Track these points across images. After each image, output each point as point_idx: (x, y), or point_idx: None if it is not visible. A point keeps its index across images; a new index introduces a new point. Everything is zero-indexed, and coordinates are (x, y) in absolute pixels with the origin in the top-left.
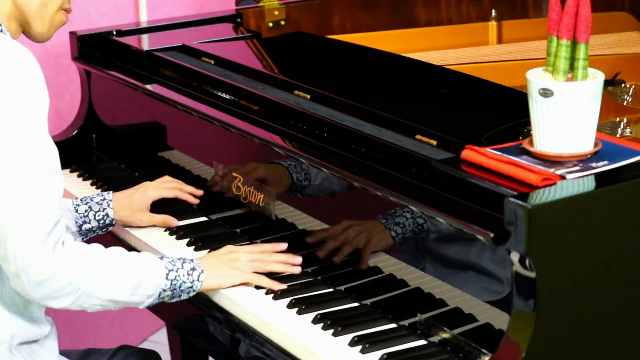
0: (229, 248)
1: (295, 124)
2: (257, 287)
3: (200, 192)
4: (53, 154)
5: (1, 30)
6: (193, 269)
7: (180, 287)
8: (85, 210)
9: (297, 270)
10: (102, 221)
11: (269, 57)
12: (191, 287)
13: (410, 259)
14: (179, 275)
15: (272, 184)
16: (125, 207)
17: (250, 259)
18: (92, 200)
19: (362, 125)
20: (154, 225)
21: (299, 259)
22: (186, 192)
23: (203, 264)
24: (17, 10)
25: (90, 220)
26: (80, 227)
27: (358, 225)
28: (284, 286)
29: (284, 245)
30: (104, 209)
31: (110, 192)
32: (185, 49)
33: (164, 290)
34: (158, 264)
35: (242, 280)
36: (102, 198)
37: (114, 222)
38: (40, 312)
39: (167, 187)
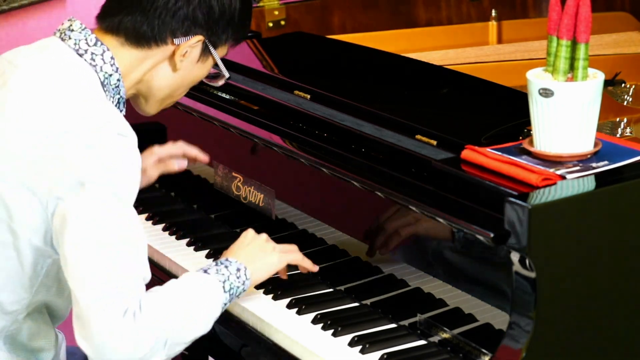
0: (251, 233)
1: (295, 124)
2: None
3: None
4: (140, 232)
5: (117, 86)
6: (238, 269)
7: (236, 293)
8: None
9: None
10: None
11: (269, 57)
12: (243, 287)
13: (410, 259)
14: (232, 283)
15: None
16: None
17: (281, 247)
18: None
19: (362, 125)
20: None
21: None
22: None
23: (241, 259)
24: (144, 86)
25: None
26: None
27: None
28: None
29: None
30: None
31: None
32: None
33: (225, 304)
34: (212, 282)
35: (283, 264)
36: None
37: None
38: None
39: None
